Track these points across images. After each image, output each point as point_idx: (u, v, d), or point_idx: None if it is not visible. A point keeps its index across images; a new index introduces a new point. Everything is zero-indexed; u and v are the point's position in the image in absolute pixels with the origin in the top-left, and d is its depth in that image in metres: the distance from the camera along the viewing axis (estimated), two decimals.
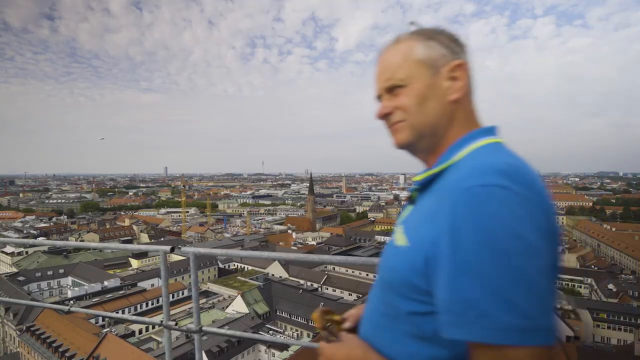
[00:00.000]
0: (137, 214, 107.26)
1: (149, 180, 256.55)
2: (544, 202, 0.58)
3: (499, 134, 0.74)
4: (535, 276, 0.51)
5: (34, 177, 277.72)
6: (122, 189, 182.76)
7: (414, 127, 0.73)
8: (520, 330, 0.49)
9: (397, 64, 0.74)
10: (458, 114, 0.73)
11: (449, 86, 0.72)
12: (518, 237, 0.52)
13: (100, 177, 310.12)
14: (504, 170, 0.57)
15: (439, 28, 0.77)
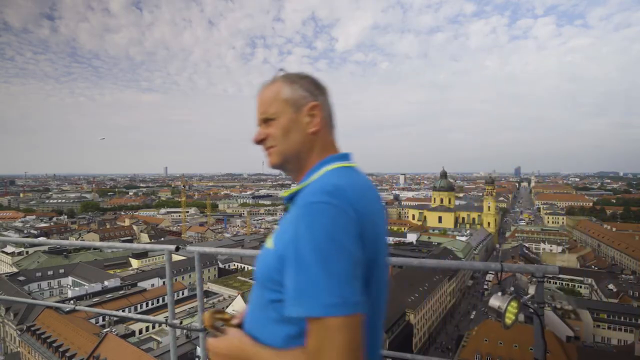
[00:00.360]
0: (137, 214, 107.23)
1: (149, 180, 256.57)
2: (360, 214, 0.77)
3: (350, 159, 0.96)
4: (345, 268, 0.72)
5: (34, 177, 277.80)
6: (122, 189, 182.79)
7: (281, 152, 0.94)
8: (336, 306, 0.69)
9: (270, 101, 0.94)
10: (316, 143, 0.94)
11: (309, 121, 0.92)
12: (333, 240, 0.72)
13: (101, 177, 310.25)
14: (329, 190, 0.77)
15: (304, 74, 0.97)
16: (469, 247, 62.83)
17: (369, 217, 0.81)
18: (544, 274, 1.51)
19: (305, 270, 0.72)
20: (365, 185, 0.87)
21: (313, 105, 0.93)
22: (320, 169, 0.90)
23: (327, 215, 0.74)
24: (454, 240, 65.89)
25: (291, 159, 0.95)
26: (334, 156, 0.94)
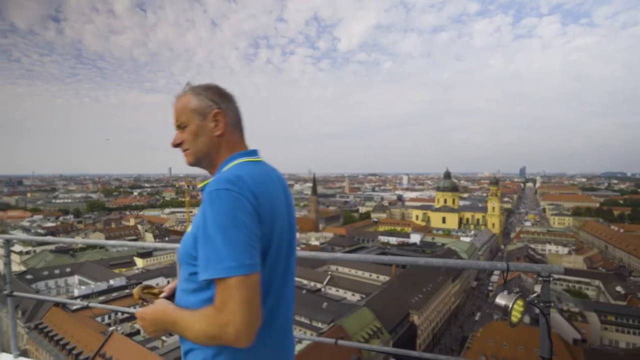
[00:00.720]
0: (141, 213, 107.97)
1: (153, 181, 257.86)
2: (257, 197, 0.96)
3: (256, 154, 1.15)
4: (241, 238, 0.90)
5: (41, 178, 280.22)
6: (127, 189, 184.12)
7: (194, 154, 1.12)
8: (234, 268, 0.88)
9: (181, 111, 1.11)
10: (223, 144, 1.12)
11: (214, 126, 1.10)
12: (231, 217, 0.90)
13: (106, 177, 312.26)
14: (230, 179, 0.95)
15: (209, 85, 1.15)
16: (473, 248, 62.54)
17: (267, 200, 0.99)
18: (549, 274, 1.53)
19: (210, 242, 0.90)
20: (265, 175, 1.07)
21: (216, 113, 1.10)
22: (228, 164, 1.09)
23: (226, 199, 0.92)
24: (458, 241, 65.62)
25: (203, 159, 1.13)
26: (240, 153, 1.13)
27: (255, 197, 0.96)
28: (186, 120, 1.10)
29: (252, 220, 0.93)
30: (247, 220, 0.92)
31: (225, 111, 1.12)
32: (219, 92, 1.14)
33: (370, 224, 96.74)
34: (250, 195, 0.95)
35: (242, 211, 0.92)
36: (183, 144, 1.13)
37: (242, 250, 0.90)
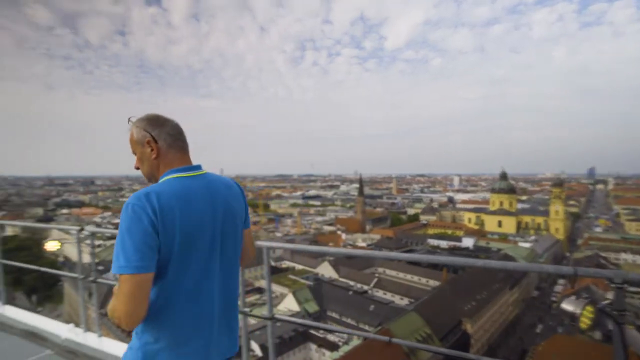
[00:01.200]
0: None
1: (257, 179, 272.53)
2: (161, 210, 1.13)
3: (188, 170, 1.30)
4: (132, 245, 1.09)
5: (111, 178, 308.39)
6: None
7: (145, 175, 1.33)
8: (123, 267, 1.08)
9: (130, 142, 1.34)
10: (160, 164, 1.29)
11: (149, 151, 1.29)
12: (127, 228, 1.10)
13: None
14: (137, 196, 1.14)
15: (145, 116, 1.33)
16: (533, 254, 58.10)
17: (170, 213, 1.15)
18: (624, 280, 1.42)
19: (115, 247, 1.11)
20: (184, 189, 1.22)
21: (147, 141, 1.28)
22: (161, 180, 1.28)
23: (128, 212, 1.12)
24: (516, 247, 61.34)
25: (151, 177, 1.33)
26: (172, 170, 1.29)
27: (154, 211, 1.12)
28: (134, 149, 1.34)
29: (145, 231, 1.11)
30: (140, 230, 1.10)
31: (156, 137, 1.29)
32: (150, 121, 1.31)
33: (419, 227, 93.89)
34: (150, 210, 1.12)
35: (137, 223, 1.10)
36: (139, 168, 1.36)
37: (133, 253, 1.08)
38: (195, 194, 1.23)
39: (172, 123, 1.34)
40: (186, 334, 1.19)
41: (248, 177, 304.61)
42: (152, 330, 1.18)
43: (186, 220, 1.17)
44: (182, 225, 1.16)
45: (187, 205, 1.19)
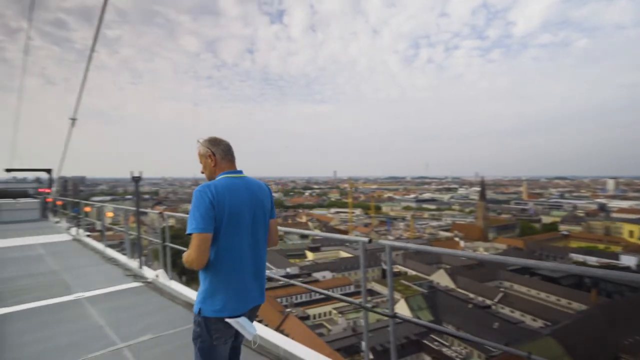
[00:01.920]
0: (311, 212, 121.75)
1: (321, 183, 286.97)
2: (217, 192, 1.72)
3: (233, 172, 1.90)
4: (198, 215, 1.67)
5: None
6: (300, 190, 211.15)
7: (206, 177, 1.95)
8: (192, 228, 1.66)
9: (198, 154, 1.96)
10: (217, 170, 1.91)
11: (210, 162, 1.91)
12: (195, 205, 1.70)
13: (284, 178, 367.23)
14: (203, 185, 1.75)
15: (207, 138, 1.95)
16: None
17: (221, 197, 1.74)
18: None
19: (189, 217, 1.70)
20: (230, 183, 1.82)
21: (209, 155, 1.92)
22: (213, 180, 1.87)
23: (196, 195, 1.71)
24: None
25: (210, 179, 1.93)
26: (222, 173, 1.90)
27: (212, 195, 1.72)
28: (200, 160, 1.97)
29: (206, 206, 1.70)
30: (204, 205, 1.69)
31: (214, 152, 1.93)
32: (211, 142, 1.96)
33: (558, 238, 79.84)
34: (210, 194, 1.72)
35: (202, 201, 1.70)
36: (203, 172, 1.98)
37: (200, 220, 1.67)
38: (238, 187, 1.84)
39: (225, 143, 1.98)
40: (230, 280, 1.76)
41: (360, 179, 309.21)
42: (210, 276, 1.76)
43: (231, 203, 1.77)
44: (229, 206, 1.75)
45: (232, 193, 1.79)
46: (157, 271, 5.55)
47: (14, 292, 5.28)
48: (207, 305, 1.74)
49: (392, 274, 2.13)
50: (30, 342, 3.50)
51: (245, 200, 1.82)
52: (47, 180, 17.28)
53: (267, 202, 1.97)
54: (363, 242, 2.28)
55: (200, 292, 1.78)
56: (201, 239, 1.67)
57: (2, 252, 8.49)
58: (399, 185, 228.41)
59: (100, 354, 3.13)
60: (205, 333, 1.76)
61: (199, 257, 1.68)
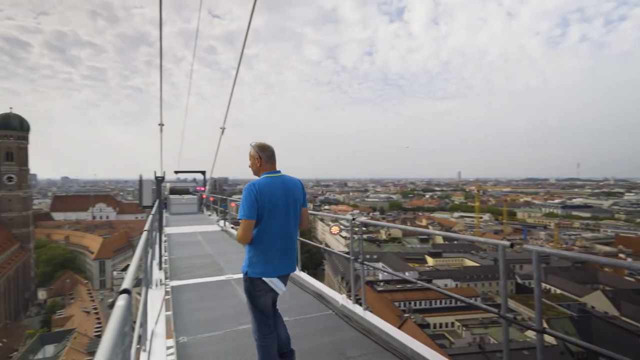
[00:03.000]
0: (432, 215, 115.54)
1: (443, 184, 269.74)
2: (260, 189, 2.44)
3: (274, 172, 2.59)
4: (245, 207, 2.41)
5: (359, 180, 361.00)
6: (420, 192, 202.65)
7: (253, 172, 2.65)
8: (243, 215, 2.41)
9: (249, 155, 2.66)
10: (261, 170, 2.60)
11: (257, 162, 2.60)
12: (244, 198, 2.43)
13: (403, 180, 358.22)
14: (251, 183, 2.48)
15: (257, 144, 2.66)
16: None
17: (263, 192, 2.43)
18: None
19: (239, 207, 2.44)
20: (270, 181, 2.50)
21: (257, 157, 2.58)
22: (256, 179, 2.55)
23: (245, 191, 2.43)
24: None
25: (255, 174, 2.62)
26: (264, 173, 2.57)
27: (256, 191, 2.42)
28: (250, 158, 2.65)
29: (252, 199, 2.39)
30: (250, 199, 2.39)
31: (261, 156, 2.60)
32: (260, 147, 2.63)
33: None
34: (254, 190, 2.41)
35: (249, 195, 2.39)
36: (251, 168, 2.67)
37: (247, 209, 2.38)
38: (276, 184, 2.51)
39: (270, 149, 2.64)
40: (265, 253, 2.46)
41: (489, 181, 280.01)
42: (252, 250, 2.48)
43: (270, 197, 2.45)
44: (268, 200, 2.44)
45: (270, 189, 2.47)
46: None
47: (185, 269, 6.61)
48: (251, 269, 2.47)
49: (539, 282, 1.89)
50: (199, 309, 4.35)
51: (281, 194, 2.49)
52: (202, 180, 20.94)
53: (299, 194, 2.61)
54: (503, 245, 2.09)
55: (246, 260, 2.51)
56: (247, 223, 2.40)
57: (176, 236, 10.71)
58: (538, 189, 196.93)
59: (248, 327, 3.69)
60: (251, 288, 2.50)
61: (245, 236, 2.43)
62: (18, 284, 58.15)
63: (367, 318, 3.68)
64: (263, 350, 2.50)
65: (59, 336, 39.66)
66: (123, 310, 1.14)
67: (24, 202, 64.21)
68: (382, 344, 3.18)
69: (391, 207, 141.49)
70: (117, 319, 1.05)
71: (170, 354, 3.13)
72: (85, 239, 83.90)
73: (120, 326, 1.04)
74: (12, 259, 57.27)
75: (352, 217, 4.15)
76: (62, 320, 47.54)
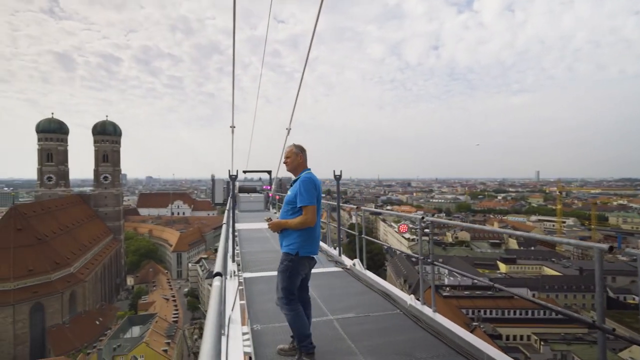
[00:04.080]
0: (505, 218, 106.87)
1: (518, 185, 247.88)
2: (315, 182, 3.08)
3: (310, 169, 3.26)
4: (308, 194, 2.98)
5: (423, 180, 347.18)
6: (491, 193, 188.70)
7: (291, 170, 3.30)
8: (306, 202, 2.97)
9: (290, 152, 3.28)
10: (300, 166, 3.25)
11: (299, 159, 3.25)
12: (307, 187, 2.99)
13: (472, 180, 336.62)
14: (306, 175, 3.11)
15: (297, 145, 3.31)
16: None
17: (316, 186, 3.06)
18: None
19: (302, 195, 2.96)
20: (314, 177, 3.12)
21: (299, 155, 3.24)
22: (302, 173, 3.16)
23: (305, 181, 3.01)
24: None
25: (293, 171, 3.27)
26: (304, 170, 3.21)
27: (314, 182, 3.04)
28: (291, 155, 3.23)
29: (312, 189, 2.98)
30: (311, 188, 2.98)
31: (301, 154, 3.25)
32: (301, 147, 3.27)
33: None
34: (313, 182, 3.04)
35: (309, 186, 2.98)
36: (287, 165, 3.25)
37: (309, 197, 2.95)
38: (316, 179, 3.12)
39: (305, 150, 3.28)
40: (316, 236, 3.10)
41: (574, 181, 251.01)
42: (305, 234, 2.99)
43: (318, 189, 3.06)
44: (317, 191, 3.04)
45: (317, 182, 3.09)
46: (353, 260, 6.19)
47: (255, 262, 7.00)
48: (302, 249, 2.95)
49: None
50: (270, 300, 4.58)
51: (319, 188, 3.09)
52: (267, 179, 21.86)
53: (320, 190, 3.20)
54: (600, 249, 1.89)
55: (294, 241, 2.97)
56: (313, 208, 2.96)
57: (245, 232, 11.38)
58: (637, 190, 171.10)
59: (317, 320, 3.79)
60: (297, 266, 2.95)
61: (314, 219, 2.97)
62: (111, 270, 66.47)
63: (437, 320, 3.56)
64: (298, 318, 2.89)
65: (143, 319, 44.43)
66: (219, 289, 1.28)
67: (117, 198, 73.12)
68: (454, 347, 3.06)
69: (458, 208, 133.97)
70: (217, 296, 1.19)
71: (246, 339, 3.35)
72: (165, 232, 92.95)
73: (219, 303, 1.17)
74: (107, 248, 65.63)
75: (422, 215, 4.02)
76: (146, 305, 53.17)
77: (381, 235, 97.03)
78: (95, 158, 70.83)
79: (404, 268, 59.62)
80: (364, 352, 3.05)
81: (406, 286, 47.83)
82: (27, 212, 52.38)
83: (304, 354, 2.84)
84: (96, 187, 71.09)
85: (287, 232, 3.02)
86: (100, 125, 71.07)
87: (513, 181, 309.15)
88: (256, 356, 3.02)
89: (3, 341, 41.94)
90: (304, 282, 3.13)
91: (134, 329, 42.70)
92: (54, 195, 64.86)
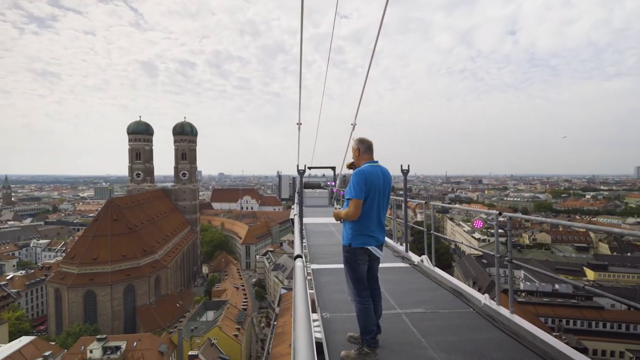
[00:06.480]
0: (595, 219, 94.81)
1: (612, 183, 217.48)
2: (366, 177, 2.98)
3: (373, 162, 3.19)
4: (357, 189, 2.97)
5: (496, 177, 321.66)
6: (578, 191, 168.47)
7: (354, 164, 3.36)
8: (353, 196, 2.98)
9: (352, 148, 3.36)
10: (362, 159, 3.25)
11: (357, 153, 3.29)
12: (356, 182, 2.98)
13: (555, 177, 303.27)
14: (359, 170, 3.05)
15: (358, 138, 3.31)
16: None
17: (369, 177, 2.98)
18: None
19: (349, 188, 3.02)
20: (372, 169, 3.06)
21: (358, 148, 3.25)
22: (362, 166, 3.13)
23: (355, 175, 3.00)
24: None
25: (356, 164, 3.30)
26: (365, 163, 3.17)
27: (364, 176, 2.97)
28: (352, 151, 3.33)
29: (361, 183, 2.95)
30: (360, 182, 2.94)
31: (360, 148, 3.24)
32: (360, 141, 3.26)
33: None
34: (363, 175, 2.97)
35: (359, 179, 2.95)
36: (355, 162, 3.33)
37: (357, 192, 2.94)
38: (375, 172, 3.05)
39: (367, 142, 3.26)
40: (369, 228, 3.02)
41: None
42: (356, 226, 3.01)
43: (371, 182, 2.98)
44: (370, 184, 2.97)
45: (371, 175, 3.00)
46: (421, 256, 6.04)
47: (321, 255, 7.20)
48: (354, 241, 3.00)
49: None
50: (337, 291, 4.70)
51: (378, 180, 3.03)
52: (331, 176, 22.14)
53: (390, 182, 3.16)
54: None
55: (348, 234, 3.05)
56: (358, 202, 2.94)
57: (311, 226, 11.72)
58: None
59: (386, 313, 3.81)
60: (353, 257, 3.02)
61: (356, 213, 2.95)
62: (189, 259, 72.99)
63: (515, 320, 3.36)
64: (365, 312, 2.93)
65: (217, 305, 48.14)
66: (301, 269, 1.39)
67: (193, 193, 79.95)
68: (535, 350, 2.86)
69: (537, 207, 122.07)
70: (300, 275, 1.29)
71: (316, 326, 3.50)
72: (235, 226, 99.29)
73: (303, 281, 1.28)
74: (185, 238, 72.22)
75: (499, 211, 3.80)
76: (219, 292, 57.43)
77: (448, 234, 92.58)
78: (175, 156, 78.27)
79: (473, 269, 56.23)
80: (434, 347, 3.00)
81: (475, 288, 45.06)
82: (121, 204, 59.89)
83: (365, 346, 2.88)
84: (176, 182, 78.55)
85: (344, 224, 3.15)
86: (179, 126, 78.27)
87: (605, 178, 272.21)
88: (327, 341, 3.14)
89: (103, 316, 48.63)
90: (371, 272, 3.16)
91: (208, 313, 46.49)
92: (141, 189, 73.27)
